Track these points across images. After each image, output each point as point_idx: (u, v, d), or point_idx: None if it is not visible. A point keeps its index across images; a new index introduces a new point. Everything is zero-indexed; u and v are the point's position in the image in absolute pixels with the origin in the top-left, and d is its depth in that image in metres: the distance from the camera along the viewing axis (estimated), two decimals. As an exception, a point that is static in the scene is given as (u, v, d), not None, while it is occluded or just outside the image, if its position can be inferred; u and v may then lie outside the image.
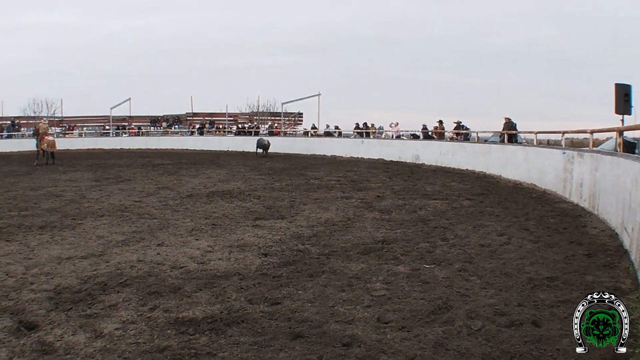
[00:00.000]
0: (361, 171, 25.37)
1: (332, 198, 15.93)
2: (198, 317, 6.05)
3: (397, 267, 8.21)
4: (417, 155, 31.33)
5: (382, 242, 9.95)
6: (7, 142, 48.26)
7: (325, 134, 45.34)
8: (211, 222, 12.03)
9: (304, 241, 10.13)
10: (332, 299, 6.73)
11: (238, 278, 7.70)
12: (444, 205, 14.45)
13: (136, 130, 56.59)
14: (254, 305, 6.51)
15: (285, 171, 25.51)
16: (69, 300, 6.69)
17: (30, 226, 11.67)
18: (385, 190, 17.76)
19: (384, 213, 13.22)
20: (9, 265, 8.41)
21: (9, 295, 6.93)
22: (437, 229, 11.29)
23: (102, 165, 30.41)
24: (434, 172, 25.10)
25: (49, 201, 15.56)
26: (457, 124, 34.90)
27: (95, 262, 8.62)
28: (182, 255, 9.00)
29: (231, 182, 20.67)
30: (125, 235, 10.73)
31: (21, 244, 9.94)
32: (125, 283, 7.44)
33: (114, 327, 5.77)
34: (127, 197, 16.39)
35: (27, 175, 24.23)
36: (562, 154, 16.57)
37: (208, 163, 31.08)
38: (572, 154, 15.61)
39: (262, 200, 15.46)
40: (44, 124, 33.53)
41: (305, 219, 12.52)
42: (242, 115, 59.95)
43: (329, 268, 8.20)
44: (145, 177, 22.70)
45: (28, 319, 6.03)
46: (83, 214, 13.16)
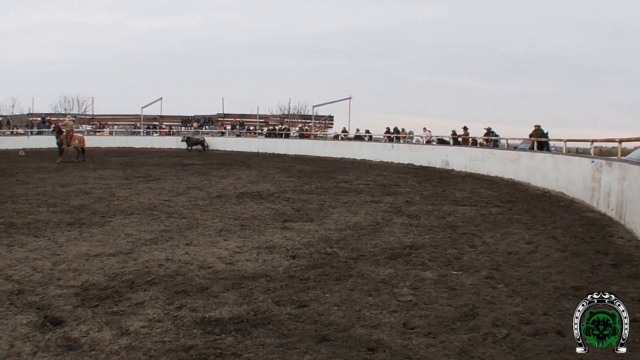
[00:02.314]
0: (390, 176, 25.28)
1: (361, 202, 15.91)
2: (224, 318, 6.07)
3: (424, 273, 8.19)
4: (446, 161, 31.16)
5: (410, 248, 9.91)
6: (37, 139, 48.78)
7: (356, 137, 45.28)
8: (240, 223, 12.08)
9: (332, 244, 10.12)
10: (359, 303, 6.72)
11: (265, 279, 7.72)
12: (473, 212, 14.37)
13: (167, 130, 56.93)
14: (280, 307, 6.53)
15: (315, 174, 25.51)
16: (96, 297, 6.76)
17: (58, 222, 11.80)
18: (414, 196, 17.70)
19: (413, 218, 13.17)
20: (37, 261, 8.51)
21: (36, 291, 7.01)
22: (465, 235, 11.23)
23: (132, 163, 30.65)
24: (464, 178, 24.94)
25: (78, 198, 15.73)
26: (487, 130, 34.68)
27: (124, 259, 8.70)
28: (210, 255, 9.04)
29: (261, 183, 20.73)
30: (154, 233, 10.81)
31: (49, 240, 10.06)
32: (152, 281, 7.50)
33: (140, 325, 5.81)
34: (157, 196, 16.51)
35: (56, 172, 24.50)
36: (590, 162, 16.40)
37: (238, 164, 31.17)
38: (601, 162, 15.42)
39: (292, 203, 15.49)
40: (69, 120, 33.72)
41: (333, 222, 12.51)
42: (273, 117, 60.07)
43: (356, 272, 8.19)
44: (175, 177, 22.84)
45: (54, 315, 6.11)
46: (112, 212, 13.29)
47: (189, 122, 60.26)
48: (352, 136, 45.89)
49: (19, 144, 47.09)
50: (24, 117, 58.31)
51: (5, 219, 12.07)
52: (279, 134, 50.04)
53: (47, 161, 30.62)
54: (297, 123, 57.97)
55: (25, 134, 52.17)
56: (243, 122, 58.03)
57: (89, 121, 60.04)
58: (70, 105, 60.81)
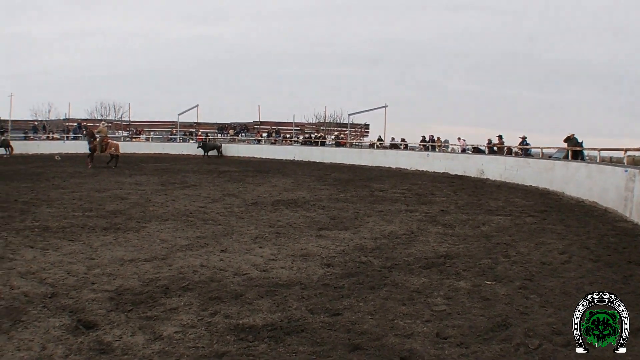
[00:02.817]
0: (426, 184, 25.17)
1: (396, 211, 15.86)
2: (258, 325, 6.09)
3: (458, 283, 8.16)
4: (481, 170, 30.99)
5: (444, 257, 9.88)
6: (73, 144, 49.36)
7: (391, 146, 45.14)
8: (275, 231, 12.11)
9: (367, 253, 10.11)
10: (393, 312, 6.71)
11: (300, 287, 7.73)
12: (507, 222, 14.28)
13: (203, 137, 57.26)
14: (314, 315, 6.53)
15: (351, 182, 25.47)
16: (130, 302, 6.82)
17: (94, 227, 11.93)
18: (449, 205, 17.61)
19: (448, 227, 13.12)
20: (71, 265, 8.62)
21: (69, 294, 7.10)
22: (500, 245, 11.17)
23: (168, 170, 30.89)
24: (498, 188, 24.77)
25: (114, 203, 15.89)
26: (522, 139, 34.41)
27: (158, 265, 8.78)
28: (245, 262, 9.08)
29: (296, 191, 20.76)
30: (189, 240, 10.88)
31: (84, 244, 10.18)
32: (187, 287, 7.55)
33: (174, 330, 5.85)
34: (193, 202, 16.61)
35: (92, 177, 24.79)
36: (624, 172, 16.22)
37: (274, 172, 31.24)
38: (634, 172, 15.26)
39: (327, 211, 15.50)
40: (104, 127, 34.05)
41: (368, 230, 12.49)
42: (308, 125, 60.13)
43: (390, 281, 8.18)
44: (211, 184, 22.96)
45: (87, 318, 6.17)
46: (148, 218, 13.40)
47: (225, 129, 60.57)
48: (388, 145, 45.73)
49: (55, 148, 47.75)
50: (60, 122, 59.06)
51: (40, 223, 12.24)
52: (314, 142, 50.06)
53: (82, 166, 30.96)
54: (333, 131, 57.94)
55: (61, 139, 52.86)
56: (279, 130, 58.14)
57: (125, 127, 60.59)
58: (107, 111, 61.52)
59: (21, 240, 10.48)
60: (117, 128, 59.64)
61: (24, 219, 12.74)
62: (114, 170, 29.21)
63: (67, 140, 52.04)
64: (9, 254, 9.31)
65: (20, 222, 12.32)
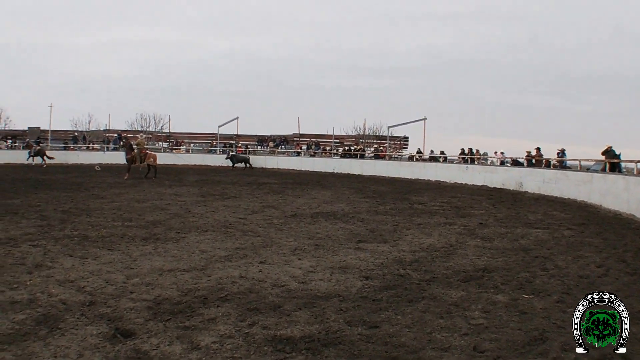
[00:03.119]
0: (464, 197, 25.04)
1: (435, 224, 15.79)
2: (296, 336, 6.06)
3: (496, 296, 8.09)
4: (520, 183, 30.84)
5: (482, 270, 9.81)
6: (113, 154, 49.98)
7: (430, 158, 45.00)
8: (314, 243, 12.09)
9: (406, 266, 10.06)
10: (430, 326, 6.65)
11: (338, 299, 7.70)
12: (546, 235, 14.15)
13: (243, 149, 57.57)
14: (352, 327, 6.49)
15: (390, 195, 25.42)
16: (168, 311, 6.84)
17: (133, 237, 12.03)
18: (488, 218, 17.49)
19: (486, 241, 13.03)
20: (110, 274, 8.68)
21: (108, 303, 7.15)
22: (538, 258, 11.07)
23: (208, 181, 31.11)
24: (537, 200, 24.56)
25: (154, 214, 16.03)
26: (560, 152, 34.10)
27: (197, 275, 8.80)
28: (284, 274, 9.07)
29: (336, 203, 20.76)
30: (228, 251, 10.91)
31: (123, 254, 10.27)
32: (225, 298, 7.55)
33: (211, 341, 5.85)
34: (232, 213, 16.68)
35: (132, 187, 25.06)
36: None
37: (313, 184, 31.31)
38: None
39: (366, 223, 15.46)
40: (142, 138, 34.39)
41: (407, 243, 12.43)
42: (348, 137, 60.13)
43: (429, 294, 8.12)
44: (250, 195, 23.09)
45: (125, 327, 6.21)
46: (187, 228, 13.48)
47: (264, 141, 60.86)
48: (427, 157, 45.61)
49: (95, 159, 48.46)
50: (100, 133, 59.81)
51: (80, 232, 12.38)
52: (354, 155, 50.11)
53: (122, 177, 31.26)
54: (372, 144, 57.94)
55: (101, 150, 53.58)
56: (318, 142, 58.26)
57: (166, 139, 61.13)
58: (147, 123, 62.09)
59: (60, 248, 10.61)
60: (157, 139, 60.21)
61: (63, 228, 12.90)
62: (154, 181, 29.51)
63: (107, 151, 52.72)
64: (47, 262, 9.43)
65: (59, 231, 12.47)
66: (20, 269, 8.86)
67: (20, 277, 8.35)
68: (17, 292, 7.58)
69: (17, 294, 7.45)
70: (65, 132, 58.88)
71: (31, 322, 6.33)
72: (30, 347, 5.58)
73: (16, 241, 11.21)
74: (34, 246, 10.78)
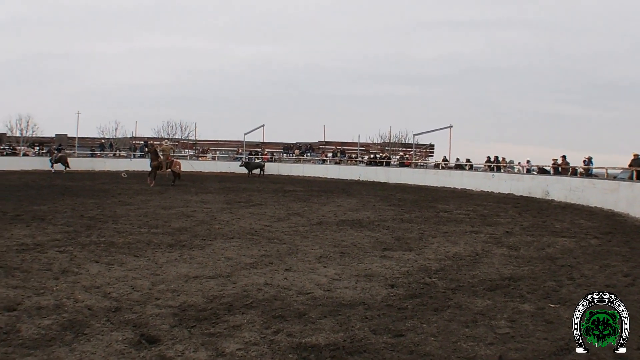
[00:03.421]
0: (491, 206, 24.91)
1: (460, 232, 15.73)
2: (321, 344, 6.06)
3: (522, 305, 8.05)
4: (546, 191, 30.65)
5: (508, 279, 9.78)
6: (140, 162, 50.19)
7: (456, 166, 44.80)
8: (340, 250, 12.09)
9: (431, 274, 10.05)
10: (456, 334, 6.63)
11: (363, 307, 7.69)
12: (572, 244, 14.07)
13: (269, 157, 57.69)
14: (377, 335, 6.48)
15: (415, 203, 25.36)
16: (193, 318, 6.88)
17: (159, 243, 12.10)
18: (514, 226, 17.40)
19: (512, 249, 12.97)
20: (136, 280, 8.75)
21: (133, 309, 7.20)
22: (564, 267, 11.00)
23: (234, 188, 31.18)
24: (563, 209, 24.39)
25: (180, 220, 16.11)
26: (586, 160, 33.88)
27: (223, 282, 8.84)
28: (309, 282, 9.08)
29: (361, 211, 20.73)
30: (253, 258, 10.95)
31: (149, 260, 10.34)
32: (250, 305, 7.58)
33: (236, 347, 5.86)
34: (258, 221, 16.72)
35: (159, 194, 25.21)
36: None
37: (339, 192, 31.29)
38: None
39: (391, 231, 15.43)
40: (167, 145, 34.57)
41: (433, 252, 12.41)
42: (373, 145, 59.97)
43: (454, 303, 8.10)
44: (276, 203, 23.12)
45: (150, 333, 6.24)
46: (213, 235, 13.53)
47: (290, 149, 60.93)
48: (453, 165, 45.42)
49: (122, 166, 48.76)
50: (126, 140, 60.15)
51: (106, 238, 12.47)
52: (379, 162, 50.04)
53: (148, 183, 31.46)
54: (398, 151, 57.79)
55: (127, 157, 53.87)
56: (344, 150, 58.21)
57: (192, 146, 61.37)
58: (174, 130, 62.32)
59: (86, 254, 10.70)
60: (183, 147, 60.48)
61: (90, 234, 13.01)
62: (181, 188, 29.64)
63: (133, 158, 53.00)
64: (74, 267, 9.52)
65: (86, 237, 12.58)
66: (47, 275, 8.96)
67: (46, 283, 8.44)
68: (43, 297, 7.66)
69: (43, 300, 7.53)
70: (92, 139, 59.28)
71: (57, 327, 6.39)
72: (55, 352, 5.63)
73: (43, 247, 11.33)
74: (60, 252, 10.89)
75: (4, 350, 5.64)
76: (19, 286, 8.22)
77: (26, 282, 8.49)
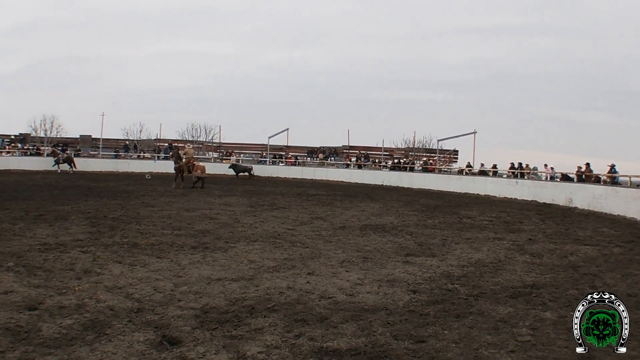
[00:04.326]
0: (514, 212, 24.76)
1: (484, 238, 15.66)
2: (342, 349, 6.06)
3: (544, 313, 7.99)
4: (570, 198, 30.42)
5: (531, 287, 9.72)
6: (164, 163, 50.40)
7: (480, 172, 44.60)
8: (362, 255, 12.08)
9: (454, 281, 10.02)
10: (477, 342, 6.60)
11: (385, 313, 7.68)
12: (595, 252, 13.96)
13: (293, 160, 57.75)
14: (398, 341, 6.47)
15: (439, 208, 25.28)
16: (215, 320, 6.89)
17: (182, 245, 12.15)
18: (537, 234, 17.28)
19: (535, 257, 12.89)
20: (158, 281, 8.79)
21: (155, 310, 7.23)
22: (587, 275, 10.93)
23: (258, 191, 31.26)
24: (586, 217, 24.20)
25: (203, 223, 16.17)
26: (610, 167, 33.63)
27: (245, 285, 8.86)
28: (332, 286, 9.07)
29: (384, 216, 20.70)
30: (276, 261, 10.97)
31: (172, 262, 10.39)
32: (272, 308, 7.59)
33: (258, 351, 5.87)
34: (281, 224, 16.75)
35: (182, 196, 25.33)
36: None
37: (362, 196, 31.23)
38: None
39: (414, 237, 15.39)
40: (189, 148, 34.71)
41: (456, 258, 12.37)
42: (397, 150, 59.87)
43: (476, 309, 8.07)
44: (299, 206, 23.15)
45: (172, 334, 6.27)
46: (236, 238, 13.57)
47: (314, 153, 60.96)
48: (477, 171, 45.22)
49: (146, 167, 49.02)
50: (151, 142, 60.40)
51: (129, 239, 12.54)
52: (403, 167, 49.96)
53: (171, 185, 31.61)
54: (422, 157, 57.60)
55: (151, 159, 54.13)
56: (368, 155, 58.14)
57: (216, 149, 61.55)
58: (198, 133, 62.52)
59: (109, 255, 10.78)
60: (207, 149, 60.68)
61: (113, 235, 13.09)
62: (204, 190, 29.75)
63: (157, 160, 53.25)
64: (96, 268, 9.58)
65: (109, 238, 12.67)
66: (69, 275, 9.03)
67: (68, 283, 8.51)
68: (65, 297, 7.72)
69: (65, 299, 7.59)
70: (116, 140, 59.68)
71: (78, 327, 6.43)
72: (76, 351, 5.66)
73: (66, 247, 11.42)
74: (83, 252, 10.98)
75: (24, 349, 5.69)
76: (41, 285, 8.30)
77: (48, 281, 8.57)
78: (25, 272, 9.10)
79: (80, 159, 50.38)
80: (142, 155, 55.97)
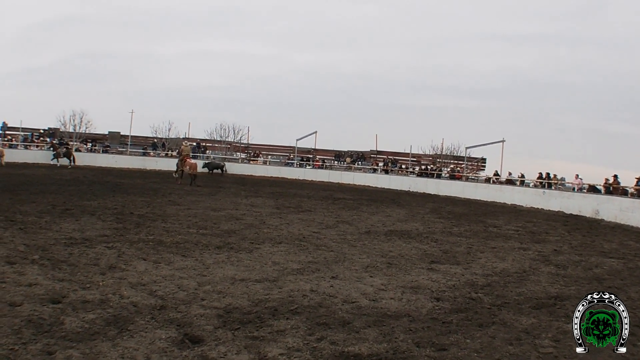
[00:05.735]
0: (540, 223, 24.57)
1: (509, 248, 15.56)
2: (363, 353, 6.05)
3: (567, 325, 7.87)
4: (597, 210, 30.17)
5: (555, 298, 9.64)
6: (192, 163, 50.74)
7: (507, 181, 44.36)
8: (387, 261, 12.06)
9: (477, 289, 9.97)
10: (499, 352, 6.57)
11: (408, 319, 7.66)
12: (620, 265, 13.84)
13: (320, 163, 57.78)
14: (420, 348, 6.45)
15: (465, 216, 25.16)
16: (238, 320, 6.92)
17: (207, 245, 12.20)
18: (563, 245, 17.15)
19: (560, 268, 12.79)
20: (182, 280, 8.83)
21: (178, 308, 7.27)
22: (611, 289, 10.70)
23: (284, 194, 31.31)
24: (613, 229, 23.96)
25: (229, 223, 16.24)
26: (637, 180, 33.31)
27: (269, 286, 8.89)
28: (355, 291, 9.06)
29: (410, 222, 20.65)
30: (301, 264, 10.99)
31: (197, 261, 10.43)
32: (295, 311, 7.60)
33: (279, 352, 5.88)
34: (306, 227, 16.77)
35: (209, 196, 25.44)
36: None
37: (388, 202, 31.18)
38: None
39: (440, 244, 15.35)
40: (186, 146, 34.91)
41: (480, 267, 12.31)
42: (425, 156, 59.69)
43: (499, 319, 8.03)
44: (325, 210, 23.15)
45: (194, 333, 6.30)
46: (261, 239, 13.61)
47: (341, 156, 60.93)
48: (504, 180, 44.97)
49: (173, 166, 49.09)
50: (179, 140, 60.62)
51: (154, 237, 12.61)
52: (430, 174, 49.78)
53: (200, 184, 31.75)
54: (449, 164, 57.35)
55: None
56: (395, 160, 58.03)
57: (244, 149, 61.73)
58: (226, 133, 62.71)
59: (134, 252, 10.85)
60: (235, 150, 60.86)
61: (139, 232, 13.18)
62: (231, 191, 29.85)
63: (193, 159, 53.55)
64: (121, 264, 9.66)
65: (134, 235, 12.75)
66: (94, 270, 9.12)
67: (93, 278, 8.59)
68: (89, 291, 7.79)
69: (89, 294, 7.66)
70: (145, 138, 60.02)
71: (101, 322, 6.49)
72: (98, 346, 5.71)
73: (91, 242, 11.52)
74: (108, 248, 11.07)
75: (46, 342, 5.74)
76: (65, 279, 8.38)
77: (73, 275, 8.65)
78: (50, 265, 9.20)
79: (109, 155, 50.87)
80: (170, 154, 56.23)
